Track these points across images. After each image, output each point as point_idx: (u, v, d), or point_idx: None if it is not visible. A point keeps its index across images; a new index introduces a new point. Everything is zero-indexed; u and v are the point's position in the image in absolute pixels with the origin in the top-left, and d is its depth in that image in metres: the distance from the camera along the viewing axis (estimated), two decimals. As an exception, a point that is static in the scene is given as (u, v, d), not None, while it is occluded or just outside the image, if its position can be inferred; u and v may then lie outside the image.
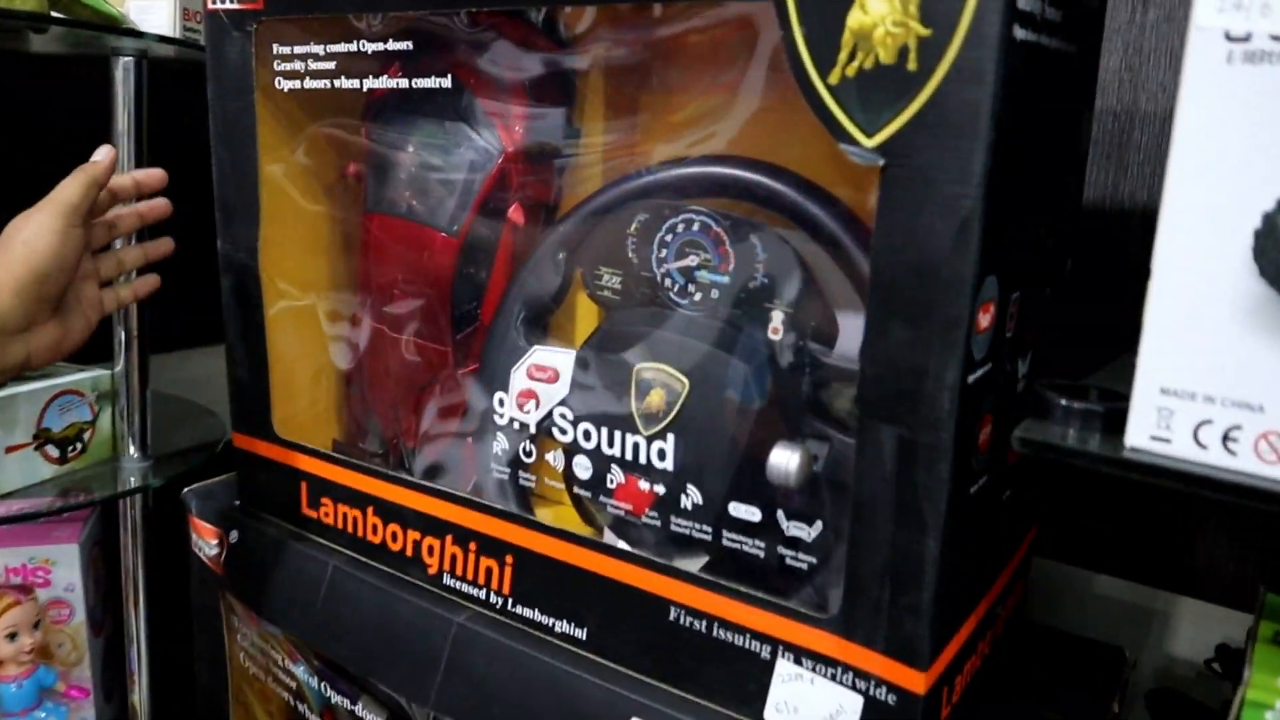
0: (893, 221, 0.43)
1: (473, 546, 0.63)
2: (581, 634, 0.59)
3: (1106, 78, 0.70)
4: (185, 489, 0.79)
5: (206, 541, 0.76)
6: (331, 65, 0.66)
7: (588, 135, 0.67)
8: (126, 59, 0.82)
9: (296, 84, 0.68)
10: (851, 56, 0.43)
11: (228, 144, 0.71)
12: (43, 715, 0.84)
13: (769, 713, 0.51)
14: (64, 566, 0.89)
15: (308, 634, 0.71)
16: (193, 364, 1.11)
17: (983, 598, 0.55)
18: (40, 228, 0.61)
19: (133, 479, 0.87)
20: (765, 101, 0.57)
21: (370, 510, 0.69)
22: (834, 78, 0.43)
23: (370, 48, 0.64)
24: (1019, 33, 0.41)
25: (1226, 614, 0.70)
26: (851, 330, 0.55)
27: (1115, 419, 0.40)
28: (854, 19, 0.42)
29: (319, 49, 0.67)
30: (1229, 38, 0.35)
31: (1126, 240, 0.71)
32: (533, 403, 0.63)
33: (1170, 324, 0.37)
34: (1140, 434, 0.39)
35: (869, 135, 0.43)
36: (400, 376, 0.75)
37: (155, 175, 0.72)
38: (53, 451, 0.84)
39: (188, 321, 0.99)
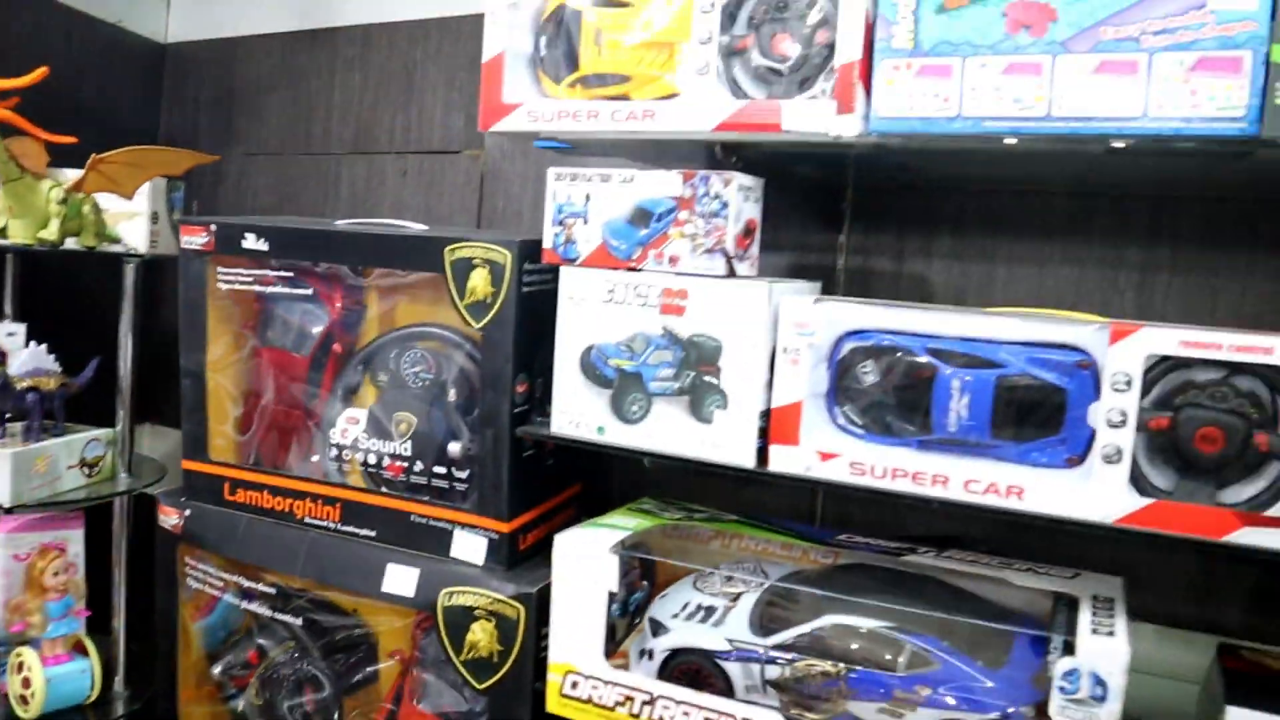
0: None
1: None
2: (372, 533, 1.34)
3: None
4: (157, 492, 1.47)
5: (167, 517, 1.44)
6: (250, 278, 1.41)
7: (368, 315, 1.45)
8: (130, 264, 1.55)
9: (230, 285, 1.42)
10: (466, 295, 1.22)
11: (190, 312, 1.42)
12: (67, 621, 1.47)
13: (453, 552, 1.27)
14: (74, 543, 1.54)
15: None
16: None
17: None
18: None
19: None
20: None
21: (265, 493, 1.41)
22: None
23: (272, 273, 1.39)
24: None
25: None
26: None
27: None
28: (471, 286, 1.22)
29: (242, 271, 1.41)
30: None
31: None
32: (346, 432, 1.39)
33: None
34: None
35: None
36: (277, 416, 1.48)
37: None
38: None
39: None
